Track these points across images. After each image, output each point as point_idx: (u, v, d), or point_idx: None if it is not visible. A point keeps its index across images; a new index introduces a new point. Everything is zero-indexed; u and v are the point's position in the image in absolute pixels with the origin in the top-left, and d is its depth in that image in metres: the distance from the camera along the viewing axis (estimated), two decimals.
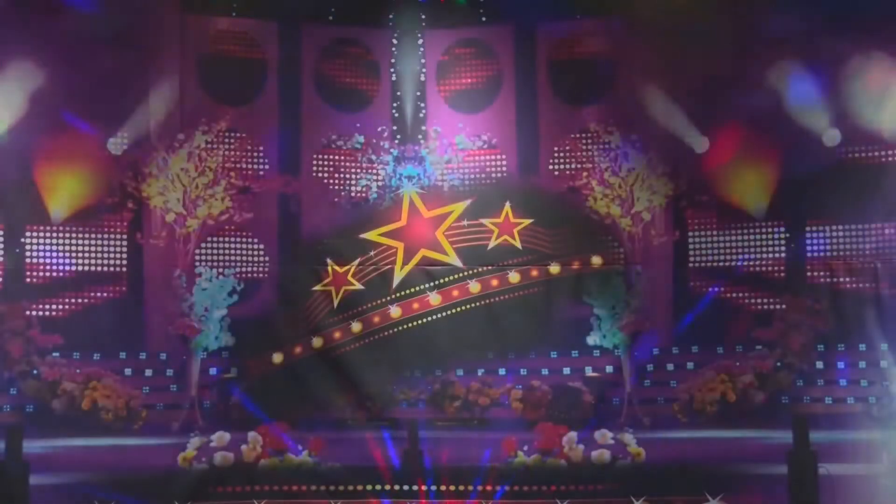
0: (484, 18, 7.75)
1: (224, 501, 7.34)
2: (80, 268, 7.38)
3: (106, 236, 7.44)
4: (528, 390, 7.58)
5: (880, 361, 7.26)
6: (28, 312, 7.30)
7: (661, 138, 7.60)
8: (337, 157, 7.72)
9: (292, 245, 7.66)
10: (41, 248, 7.35)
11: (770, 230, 7.51)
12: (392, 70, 7.76)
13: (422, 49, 7.76)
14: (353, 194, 7.69)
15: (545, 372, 7.62)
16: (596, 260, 7.68)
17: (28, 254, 7.32)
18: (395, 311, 7.58)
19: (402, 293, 7.59)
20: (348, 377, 7.57)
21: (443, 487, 7.34)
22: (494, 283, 7.60)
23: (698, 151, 7.59)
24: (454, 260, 7.58)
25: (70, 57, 7.20)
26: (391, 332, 7.60)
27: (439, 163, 7.67)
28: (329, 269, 7.57)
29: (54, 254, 7.36)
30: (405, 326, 7.60)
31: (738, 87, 7.38)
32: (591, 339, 7.60)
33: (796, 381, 7.44)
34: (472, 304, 7.61)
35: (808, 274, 7.48)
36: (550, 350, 7.66)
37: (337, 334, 7.59)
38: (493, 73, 7.75)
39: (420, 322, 7.60)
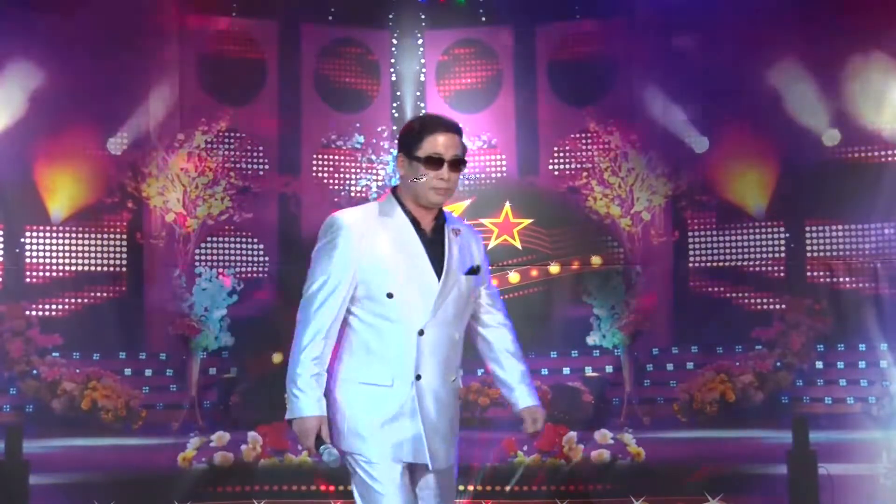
0: (484, 18, 7.74)
1: (224, 501, 7.35)
2: (79, 268, 7.37)
3: (105, 236, 7.43)
4: None
5: (880, 361, 7.25)
6: (28, 312, 7.30)
7: (661, 138, 7.59)
8: (337, 157, 7.72)
9: (291, 245, 7.65)
10: (41, 248, 7.34)
11: (770, 230, 7.50)
12: (392, 70, 7.75)
13: (421, 49, 7.75)
14: (352, 194, 7.68)
15: (545, 372, 7.61)
16: (596, 260, 7.68)
17: (28, 254, 7.32)
18: None
19: None
20: None
21: None
22: (494, 283, 7.59)
23: (698, 151, 7.58)
24: None
25: (70, 56, 7.20)
26: None
27: None
28: None
29: (54, 254, 7.35)
30: None
31: (738, 87, 7.37)
32: (591, 339, 7.60)
33: (796, 381, 7.43)
34: None
35: (808, 274, 7.47)
36: (550, 350, 7.66)
37: None
38: (493, 73, 7.74)
39: None
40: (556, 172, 7.71)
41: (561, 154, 7.72)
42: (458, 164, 4.08)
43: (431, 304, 3.99)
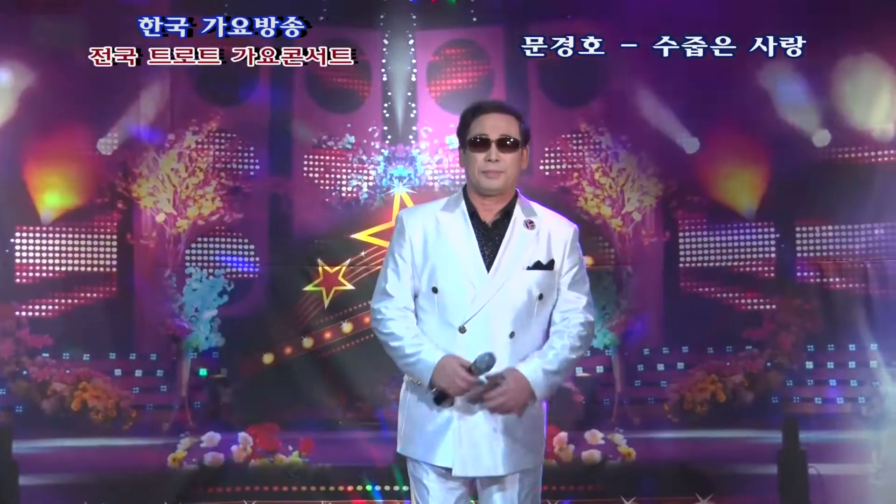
0: (475, 19, 7.73)
1: (214, 502, 7.34)
2: (69, 268, 7.36)
3: (96, 237, 7.42)
4: None
5: (870, 362, 7.26)
6: (18, 313, 7.28)
7: (652, 139, 7.60)
8: (328, 158, 7.70)
9: (282, 245, 7.64)
10: (31, 248, 7.33)
11: (760, 230, 7.51)
12: (383, 70, 7.74)
13: (413, 50, 7.74)
14: (343, 195, 7.67)
15: None
16: (587, 260, 7.66)
17: (17, 254, 7.30)
18: None
19: None
20: (339, 378, 7.57)
21: None
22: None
23: (689, 152, 7.58)
24: None
25: (60, 57, 7.19)
26: None
27: (430, 163, 7.66)
28: (319, 269, 7.56)
29: (44, 254, 7.34)
30: None
31: (729, 88, 7.38)
32: None
33: (786, 382, 7.45)
34: None
35: (798, 274, 7.48)
36: None
37: (327, 335, 7.59)
38: (484, 73, 7.74)
39: None
40: (547, 173, 7.71)
41: (552, 154, 7.72)
42: (511, 145, 3.94)
43: (475, 299, 3.82)
